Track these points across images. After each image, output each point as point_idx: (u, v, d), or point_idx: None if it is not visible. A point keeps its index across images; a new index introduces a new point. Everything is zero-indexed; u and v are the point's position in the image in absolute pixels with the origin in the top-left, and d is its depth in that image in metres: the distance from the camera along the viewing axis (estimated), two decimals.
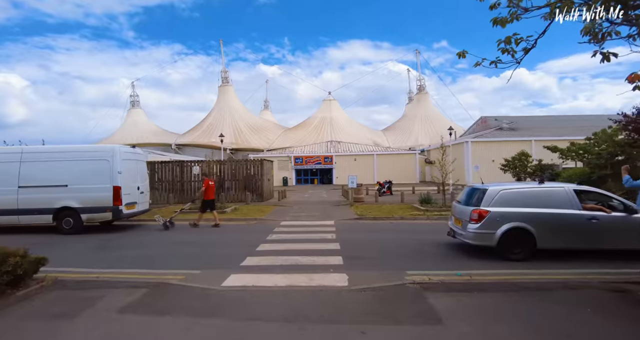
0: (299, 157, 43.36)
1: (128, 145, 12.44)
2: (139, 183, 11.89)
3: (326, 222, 12.30)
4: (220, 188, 20.23)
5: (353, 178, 18.21)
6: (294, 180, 43.41)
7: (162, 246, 8.78)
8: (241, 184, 20.39)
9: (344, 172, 43.08)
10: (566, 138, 34.76)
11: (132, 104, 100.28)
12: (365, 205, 17.65)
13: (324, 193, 28.97)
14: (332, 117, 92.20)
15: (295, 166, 43.16)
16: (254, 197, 20.05)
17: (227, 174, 20.54)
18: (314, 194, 27.72)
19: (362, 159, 43.21)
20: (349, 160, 43.28)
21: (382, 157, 43.27)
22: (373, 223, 12.30)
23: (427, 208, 14.84)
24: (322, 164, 43.20)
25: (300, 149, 46.51)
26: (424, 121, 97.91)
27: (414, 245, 8.32)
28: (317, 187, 37.90)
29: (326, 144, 48.11)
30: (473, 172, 35.69)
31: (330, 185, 41.71)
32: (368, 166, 43.07)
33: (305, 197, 24.15)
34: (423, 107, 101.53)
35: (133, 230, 11.36)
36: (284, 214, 14.97)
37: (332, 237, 9.31)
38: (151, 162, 20.68)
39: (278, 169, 43.08)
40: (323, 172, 44.44)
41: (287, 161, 43.38)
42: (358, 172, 43.41)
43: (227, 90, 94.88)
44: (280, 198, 21.40)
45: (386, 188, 24.47)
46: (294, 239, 9.19)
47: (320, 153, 43.97)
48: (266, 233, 9.94)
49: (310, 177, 44.48)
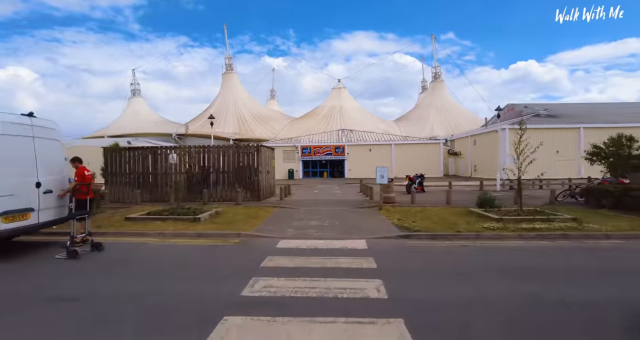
0: (307, 146, 38.44)
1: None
2: (41, 176, 7.11)
3: (353, 242, 7.41)
4: (204, 183, 15.44)
5: (383, 170, 13.24)
6: (300, 172, 38.58)
7: None
8: (232, 178, 15.58)
9: (357, 164, 38.10)
10: (619, 125, 29.36)
11: (133, 92, 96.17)
12: (400, 208, 12.71)
13: (337, 188, 24.06)
14: (341, 105, 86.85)
15: (302, 157, 38.27)
16: (247, 195, 15.22)
17: (214, 164, 15.73)
18: (324, 190, 22.84)
19: (378, 150, 38.14)
20: (363, 150, 38.23)
21: (401, 148, 38.14)
22: (432, 245, 7.34)
23: (499, 216, 9.84)
24: (333, 154, 38.23)
25: (308, 138, 41.56)
26: (440, 111, 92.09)
27: None
28: (327, 181, 33.03)
29: (337, 133, 43.06)
30: (509, 164, 30.44)
31: (342, 179, 36.77)
32: (384, 158, 37.98)
33: (315, 194, 19.28)
34: (438, 96, 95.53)
35: (13, 259, 6.61)
36: (284, 223, 10.12)
37: (377, 292, 4.44)
38: (112, 148, 15.95)
39: (283, 160, 38.28)
40: (334, 163, 39.49)
41: (293, 151, 38.51)
42: (373, 164, 38.35)
43: (231, 77, 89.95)
44: (283, 196, 16.57)
45: (417, 184, 19.42)
46: (295, 299, 4.32)
47: (331, 142, 38.97)
48: (241, 277, 5.04)
49: (320, 170, 39.59)
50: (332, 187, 25.55)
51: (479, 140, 35.56)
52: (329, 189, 24.38)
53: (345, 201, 15.55)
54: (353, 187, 25.75)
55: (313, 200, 16.25)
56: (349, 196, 18.02)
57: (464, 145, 39.36)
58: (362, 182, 20.60)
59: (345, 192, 20.58)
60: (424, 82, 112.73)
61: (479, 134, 35.73)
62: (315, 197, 17.90)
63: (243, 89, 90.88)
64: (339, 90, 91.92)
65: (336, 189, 23.58)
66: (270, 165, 17.88)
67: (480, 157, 35.03)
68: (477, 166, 35.97)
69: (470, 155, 37.23)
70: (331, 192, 20.78)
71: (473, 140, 36.78)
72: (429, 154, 37.83)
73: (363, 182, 20.78)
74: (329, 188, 25.00)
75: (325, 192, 21.46)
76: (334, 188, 24.87)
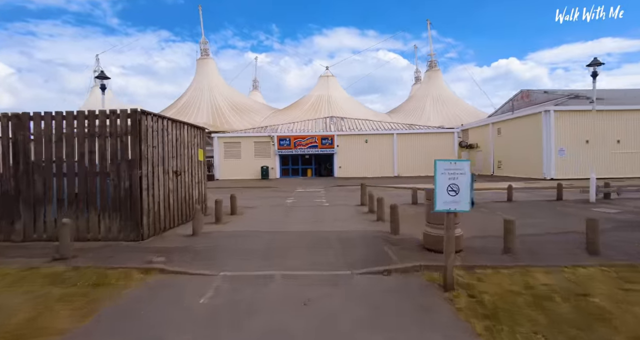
0: (286, 137, 29.97)
1: None
2: None
3: None
4: (19, 199, 6.88)
5: (457, 170, 4.76)
6: (277, 170, 30.12)
7: None
8: (82, 186, 7.02)
9: (349, 159, 29.84)
10: None
11: (96, 80, 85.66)
12: (495, 276, 4.47)
13: (324, 197, 15.76)
14: (330, 95, 78.34)
15: (279, 150, 29.81)
16: (110, 229, 6.73)
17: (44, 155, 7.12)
18: (303, 201, 14.51)
19: (376, 141, 29.94)
20: (356, 142, 29.97)
21: (405, 139, 30.02)
22: None
23: None
24: (319, 147, 29.88)
25: (287, 127, 33.07)
26: (436, 101, 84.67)
27: None
28: (310, 182, 24.69)
29: (324, 121, 34.66)
30: (557, 158, 22.75)
31: (330, 178, 28.44)
32: (384, 151, 29.84)
33: (284, 213, 10.89)
34: (434, 86, 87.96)
35: None
36: None
37: None
38: None
39: (254, 154, 29.75)
40: (320, 159, 31.17)
41: (267, 143, 29.99)
42: (370, 159, 30.35)
43: (206, 63, 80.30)
44: (220, 218, 8.20)
45: None
46: None
47: (317, 132, 30.59)
48: None
49: (302, 167, 31.18)
50: (316, 195, 17.22)
51: (505, 128, 27.72)
52: (311, 197, 16.05)
53: (342, 237, 7.20)
54: (348, 192, 17.46)
55: (272, 232, 7.82)
56: (346, 218, 9.68)
57: (482, 136, 31.52)
58: (365, 189, 12.29)
59: (337, 207, 12.28)
60: (417, 73, 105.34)
61: (505, 120, 27.88)
62: (282, 219, 9.52)
63: (219, 77, 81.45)
64: (327, 78, 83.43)
65: (322, 198, 15.26)
66: (190, 158, 9.35)
67: (507, 150, 27.21)
68: (502, 161, 28.18)
69: (492, 147, 29.40)
70: (314, 207, 12.43)
71: (496, 129, 28.93)
72: (440, 146, 29.83)
73: (365, 187, 12.48)
74: (311, 196, 16.67)
75: (304, 205, 13.13)
76: (319, 196, 16.56)
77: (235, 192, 19.66)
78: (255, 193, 18.05)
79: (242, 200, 13.67)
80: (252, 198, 15.62)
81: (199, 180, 9.65)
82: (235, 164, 29.58)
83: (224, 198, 10.90)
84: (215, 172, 29.39)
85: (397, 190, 18.35)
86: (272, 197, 15.65)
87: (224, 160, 29.54)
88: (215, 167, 29.54)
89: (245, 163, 29.60)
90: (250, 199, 15.24)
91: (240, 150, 29.77)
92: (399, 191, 17.77)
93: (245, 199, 14.65)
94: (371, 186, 21.17)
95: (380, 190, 17.80)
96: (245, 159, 29.68)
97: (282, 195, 16.42)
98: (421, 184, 19.19)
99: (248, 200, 14.32)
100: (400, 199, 13.67)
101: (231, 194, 10.11)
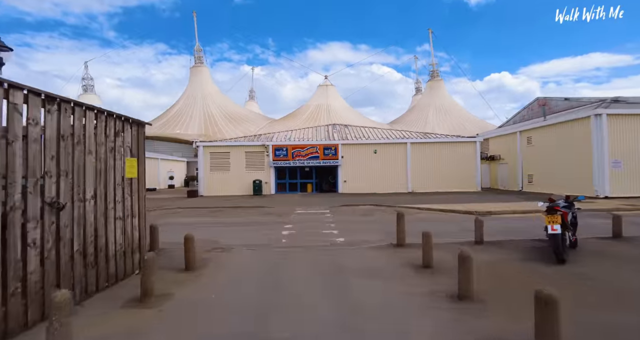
0: (282, 146, 25.89)
1: None
2: None
3: None
4: None
5: None
6: (272, 185, 25.89)
7: None
8: None
9: (356, 172, 25.77)
10: None
11: (85, 89, 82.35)
12: None
13: (333, 225, 11.45)
14: (329, 104, 74.87)
15: (274, 162, 25.67)
16: None
17: None
18: (305, 230, 10.26)
19: (387, 151, 25.92)
20: (364, 152, 25.93)
21: (420, 149, 26.02)
22: None
23: None
24: (321, 158, 25.79)
25: (284, 135, 29.00)
26: (439, 111, 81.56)
27: None
28: (311, 199, 20.46)
29: (326, 129, 30.66)
30: (611, 171, 18.76)
31: (334, 195, 24.28)
32: (397, 163, 25.80)
33: (271, 275, 6.74)
34: (437, 96, 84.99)
35: None
36: None
37: None
38: None
39: (246, 166, 25.61)
40: (321, 171, 27.05)
41: (261, 153, 25.86)
42: (380, 172, 26.20)
43: (200, 71, 76.81)
44: (148, 293, 4.04)
45: (570, 229, 6.82)
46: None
47: (318, 141, 26.54)
48: None
49: (301, 181, 27.00)
50: (322, 220, 13.03)
51: (538, 137, 23.83)
52: (315, 225, 11.84)
53: None
54: (362, 216, 13.26)
55: None
56: (390, 285, 5.46)
57: (506, 146, 27.63)
58: (402, 221, 7.90)
59: (361, 249, 8.03)
60: (418, 84, 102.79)
61: (537, 128, 24.02)
62: (268, 296, 5.33)
63: (214, 85, 77.91)
64: (326, 87, 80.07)
65: (332, 227, 11.02)
66: (101, 173, 5.13)
67: (540, 162, 23.26)
68: (533, 175, 24.18)
69: (521, 159, 25.45)
70: (324, 250, 8.17)
71: (525, 138, 25.04)
72: (460, 158, 25.84)
73: (403, 218, 8.11)
74: (316, 222, 12.47)
75: (307, 245, 8.92)
76: (326, 223, 12.36)
77: (217, 213, 15.27)
78: (240, 217, 13.79)
79: (220, 230, 9.37)
80: (234, 226, 11.33)
81: (129, 212, 5.42)
82: (223, 177, 25.35)
83: (199, 227, 6.76)
84: (199, 187, 25.11)
85: (425, 212, 14.16)
86: (262, 225, 11.40)
87: (210, 173, 25.30)
88: (200, 182, 25.27)
89: (235, 176, 25.37)
90: (230, 227, 10.95)
91: (229, 161, 25.58)
92: (428, 214, 13.59)
93: (225, 227, 10.37)
94: (385, 205, 16.97)
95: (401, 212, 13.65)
96: (235, 172, 25.47)
97: (275, 221, 12.18)
98: (455, 205, 14.99)
99: (226, 232, 10.05)
100: (441, 228, 9.46)
101: (185, 235, 5.85)
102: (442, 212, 14.25)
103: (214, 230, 10.73)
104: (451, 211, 14.25)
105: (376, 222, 12.08)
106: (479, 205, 15.83)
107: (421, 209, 15.22)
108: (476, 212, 13.60)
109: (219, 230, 10.73)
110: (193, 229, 10.98)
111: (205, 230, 10.49)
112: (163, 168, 40.81)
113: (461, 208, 14.53)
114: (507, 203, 16.66)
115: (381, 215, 13.83)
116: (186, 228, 11.07)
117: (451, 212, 14.22)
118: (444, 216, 13.31)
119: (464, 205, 15.83)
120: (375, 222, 12.09)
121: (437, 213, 14.13)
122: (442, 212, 14.25)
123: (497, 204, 16.36)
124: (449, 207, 14.85)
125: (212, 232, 10.18)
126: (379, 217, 13.33)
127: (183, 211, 16.44)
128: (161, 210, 16.80)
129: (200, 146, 25.49)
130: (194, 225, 11.63)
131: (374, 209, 16.10)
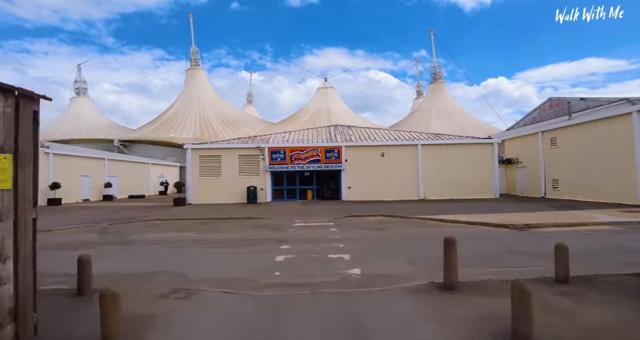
0: (279, 149, 23.48)
1: None
2: None
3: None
4: None
5: None
6: (268, 192, 23.42)
7: None
8: None
9: (361, 178, 23.35)
10: None
11: (77, 92, 79.80)
12: None
13: (341, 245, 8.96)
14: (329, 108, 72.64)
15: (271, 166, 23.23)
16: None
17: None
18: (306, 254, 7.81)
19: (395, 154, 23.51)
20: (370, 155, 23.52)
21: (432, 151, 23.61)
22: None
23: None
24: (322, 161, 23.37)
25: (281, 137, 26.57)
26: (442, 114, 79.33)
27: None
28: (313, 209, 17.99)
29: (328, 130, 28.27)
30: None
31: (337, 203, 21.82)
32: (406, 167, 23.39)
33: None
34: (440, 99, 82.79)
35: None
36: None
37: None
38: None
39: (239, 171, 23.19)
40: (323, 177, 24.61)
41: (256, 157, 23.43)
42: (388, 177, 23.73)
43: (196, 73, 74.59)
44: None
45: None
46: None
47: (319, 143, 24.12)
48: None
49: (300, 188, 24.53)
50: (327, 238, 10.61)
51: (563, 137, 21.47)
52: (320, 246, 9.42)
53: None
54: (376, 231, 10.77)
55: None
56: None
57: (526, 148, 25.25)
58: (455, 252, 5.44)
59: (387, 292, 5.60)
60: (419, 87, 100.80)
61: (562, 128, 21.65)
62: None
63: (210, 87, 75.74)
64: (326, 90, 77.84)
65: (340, 249, 8.57)
66: None
67: (567, 165, 20.89)
68: (560, 180, 21.77)
69: (543, 162, 23.06)
70: (337, 297, 5.75)
71: (549, 139, 22.67)
72: (476, 161, 23.46)
73: (454, 246, 5.63)
74: (319, 242, 10.04)
75: (312, 282, 6.48)
76: (332, 242, 9.95)
77: (202, 227, 12.25)
78: (228, 232, 11.31)
79: (197, 253, 6.80)
80: (217, 247, 8.82)
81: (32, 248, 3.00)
82: (214, 183, 22.90)
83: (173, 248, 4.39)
84: (187, 195, 22.65)
85: (448, 225, 11.69)
86: (253, 244, 8.93)
87: (200, 179, 22.84)
88: (188, 188, 22.80)
89: (227, 182, 22.93)
90: (212, 248, 8.44)
91: (220, 165, 23.15)
92: (452, 228, 11.11)
93: (206, 247, 7.85)
94: (397, 216, 14.53)
95: (418, 225, 11.17)
96: (228, 178, 23.03)
97: (269, 238, 9.72)
98: (480, 215, 12.46)
99: (205, 256, 7.55)
100: (480, 249, 6.92)
101: (103, 288, 3.43)
102: (470, 225, 11.81)
103: (190, 252, 8.28)
104: (482, 224, 11.81)
105: (394, 240, 9.65)
106: (509, 215, 13.41)
107: (444, 220, 12.78)
108: (512, 225, 11.19)
109: (197, 252, 8.27)
110: (163, 252, 8.49)
111: (177, 254, 8.04)
112: (153, 173, 38.35)
113: (491, 220, 12.11)
114: (538, 213, 14.24)
115: (397, 229, 11.41)
116: (155, 249, 8.60)
117: (482, 224, 11.78)
118: (475, 230, 10.88)
119: (491, 215, 13.41)
120: (393, 239, 9.66)
121: (464, 226, 11.69)
122: (470, 225, 11.81)
123: (527, 214, 13.93)
124: (477, 219, 12.42)
125: (185, 257, 7.73)
126: (395, 232, 10.90)
127: (162, 224, 13.97)
128: (137, 222, 14.32)
129: (189, 148, 23.07)
130: (168, 245, 9.19)
131: (386, 221, 13.66)
